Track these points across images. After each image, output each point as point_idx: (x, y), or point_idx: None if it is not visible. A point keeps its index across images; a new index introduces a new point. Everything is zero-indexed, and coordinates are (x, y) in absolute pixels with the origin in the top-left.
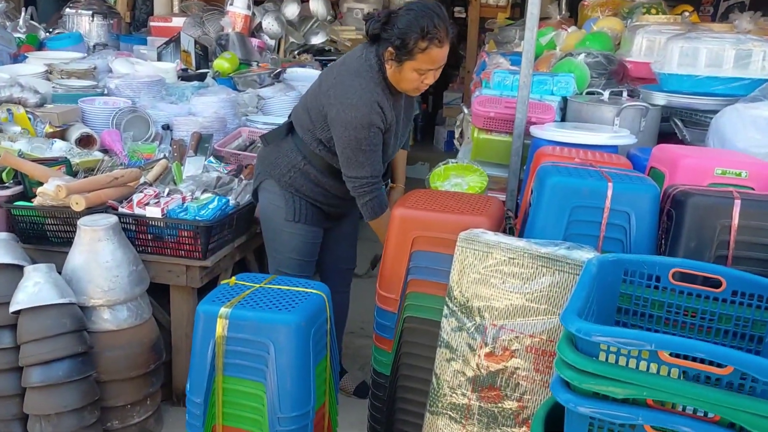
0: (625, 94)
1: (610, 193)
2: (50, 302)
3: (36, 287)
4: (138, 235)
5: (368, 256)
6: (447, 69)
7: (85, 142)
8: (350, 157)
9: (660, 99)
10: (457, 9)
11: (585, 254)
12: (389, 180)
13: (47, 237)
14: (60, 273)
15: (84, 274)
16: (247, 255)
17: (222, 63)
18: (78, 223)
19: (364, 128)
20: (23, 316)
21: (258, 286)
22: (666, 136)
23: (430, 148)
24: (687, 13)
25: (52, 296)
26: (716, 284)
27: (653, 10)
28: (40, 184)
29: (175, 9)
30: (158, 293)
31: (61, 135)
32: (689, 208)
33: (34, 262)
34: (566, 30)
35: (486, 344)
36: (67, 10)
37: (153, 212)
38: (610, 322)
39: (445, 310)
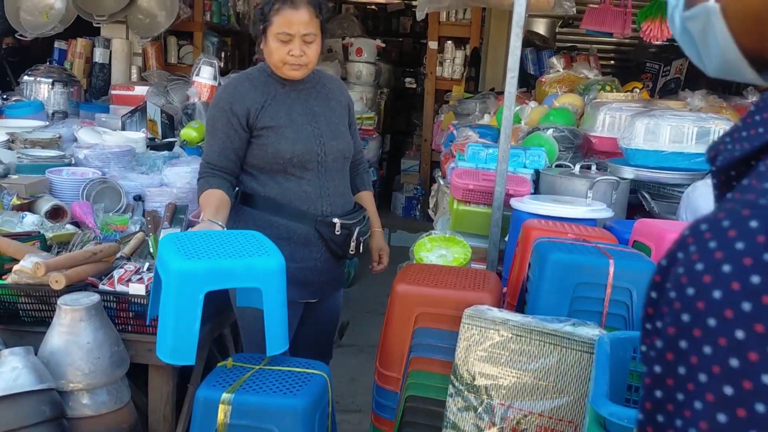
0: (594, 167)
1: (612, 270)
2: (29, 388)
3: (14, 372)
4: (119, 313)
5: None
6: (398, 135)
7: (54, 214)
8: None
9: (628, 173)
10: (408, 80)
11: (590, 331)
12: (366, 220)
13: (19, 316)
14: (35, 355)
15: (63, 357)
16: (224, 330)
17: (189, 132)
18: (58, 302)
19: (212, 108)
20: None
21: (257, 367)
22: (633, 208)
23: (387, 213)
24: (638, 90)
25: (31, 382)
26: None
27: (608, 87)
28: (12, 260)
29: (133, 77)
30: (132, 373)
31: (29, 207)
32: None
33: (5, 344)
34: (528, 104)
35: (494, 424)
36: (25, 77)
37: (137, 289)
38: (621, 401)
39: (451, 389)
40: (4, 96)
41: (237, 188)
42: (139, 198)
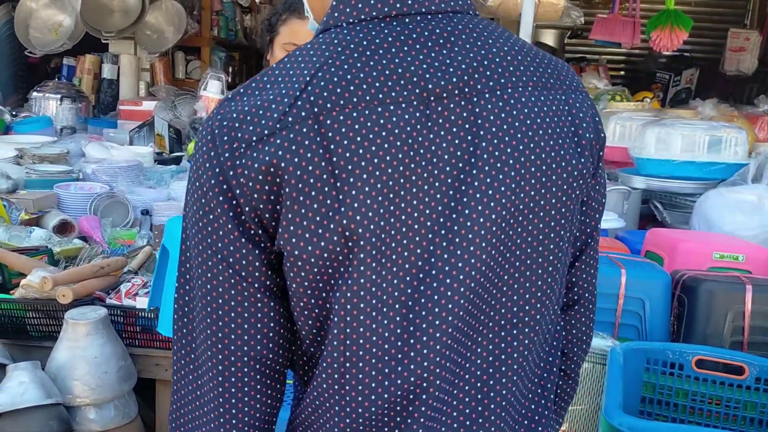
0: None
1: (623, 280)
2: (36, 403)
3: (21, 387)
4: (126, 327)
5: None
6: None
7: (62, 229)
8: None
9: (640, 183)
10: None
11: (604, 342)
12: None
13: (27, 331)
14: (43, 370)
15: (70, 372)
16: None
17: None
18: (65, 316)
19: None
20: (5, 420)
21: None
22: (645, 218)
23: None
24: (648, 100)
25: (39, 397)
26: (738, 371)
27: (618, 97)
28: (20, 275)
29: (142, 92)
30: (140, 388)
31: (37, 222)
32: (702, 295)
33: (12, 358)
34: None
35: None
36: (34, 93)
37: (144, 303)
38: (635, 413)
39: None
40: (14, 112)
41: None
42: (146, 212)
